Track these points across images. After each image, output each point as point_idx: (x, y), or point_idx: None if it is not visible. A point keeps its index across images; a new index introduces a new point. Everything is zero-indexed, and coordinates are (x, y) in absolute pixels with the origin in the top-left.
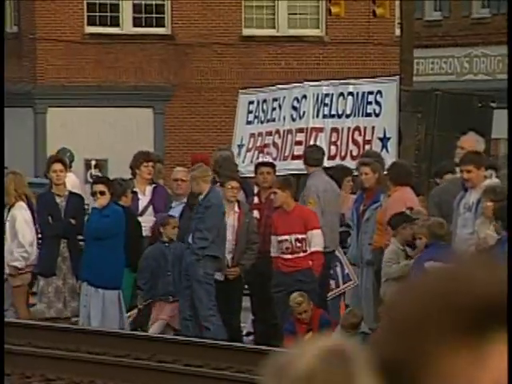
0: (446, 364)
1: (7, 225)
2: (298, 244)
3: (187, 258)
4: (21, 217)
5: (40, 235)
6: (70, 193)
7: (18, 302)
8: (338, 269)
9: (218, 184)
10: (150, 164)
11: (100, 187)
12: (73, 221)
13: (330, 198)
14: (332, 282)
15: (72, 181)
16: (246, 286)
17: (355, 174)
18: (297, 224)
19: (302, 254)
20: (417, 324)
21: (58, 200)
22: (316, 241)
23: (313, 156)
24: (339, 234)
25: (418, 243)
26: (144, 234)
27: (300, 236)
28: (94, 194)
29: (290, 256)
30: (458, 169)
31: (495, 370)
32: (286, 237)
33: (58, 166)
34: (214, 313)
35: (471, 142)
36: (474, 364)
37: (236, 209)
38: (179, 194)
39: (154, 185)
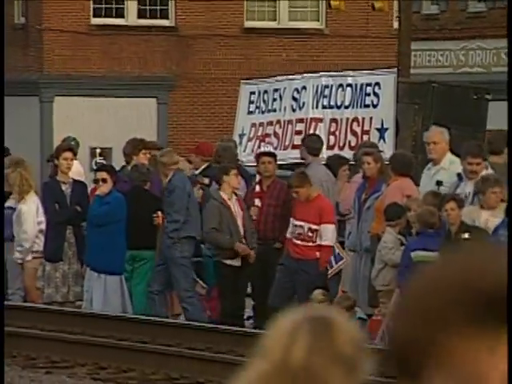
0: (458, 353)
1: (14, 215)
2: (310, 234)
3: (164, 240)
4: (26, 212)
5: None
6: (74, 180)
7: (30, 286)
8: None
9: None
10: (148, 152)
11: (103, 175)
12: (78, 208)
13: (329, 188)
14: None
15: (76, 168)
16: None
17: (351, 163)
18: (314, 214)
19: (310, 244)
20: (432, 312)
21: (63, 187)
22: (327, 235)
23: (312, 145)
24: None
25: (413, 232)
26: None
27: (313, 226)
28: (96, 181)
29: (299, 242)
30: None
31: (505, 360)
32: (302, 223)
33: (68, 155)
34: (192, 294)
35: (437, 134)
36: (485, 353)
37: (235, 196)
38: (201, 181)
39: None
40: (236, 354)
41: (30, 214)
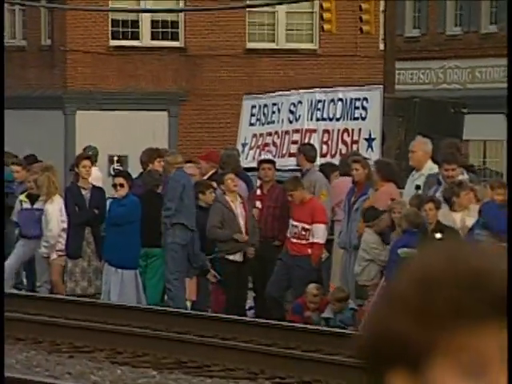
0: (454, 342)
1: (43, 215)
2: (303, 232)
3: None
4: (51, 212)
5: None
6: (94, 186)
7: (56, 280)
8: None
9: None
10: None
11: (120, 180)
12: (96, 211)
13: (323, 188)
14: None
15: (95, 174)
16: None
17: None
18: (306, 215)
19: (304, 242)
20: (428, 305)
21: (83, 192)
22: (318, 233)
23: (308, 153)
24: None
25: (392, 234)
26: None
27: (306, 226)
28: (114, 185)
29: (295, 240)
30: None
31: (499, 346)
32: (297, 223)
33: (87, 163)
34: (177, 277)
35: (417, 144)
36: (484, 342)
37: (239, 199)
38: (203, 181)
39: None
40: (239, 341)
41: (55, 213)
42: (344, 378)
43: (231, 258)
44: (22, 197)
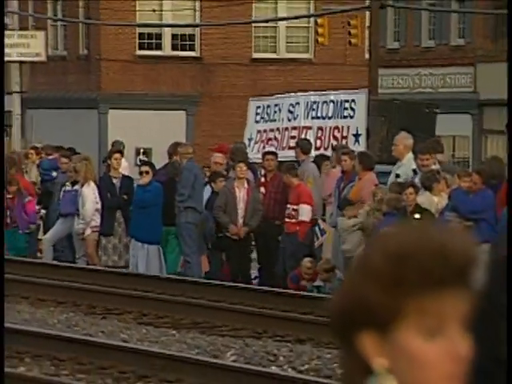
0: (419, 307)
1: (80, 198)
2: (293, 213)
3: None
4: (86, 194)
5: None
6: (123, 176)
7: (91, 253)
8: (317, 228)
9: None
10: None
11: (145, 168)
12: (125, 196)
13: (317, 180)
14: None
15: (124, 165)
16: (254, 243)
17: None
18: (295, 197)
19: (293, 221)
20: (395, 273)
21: (114, 181)
22: (304, 213)
23: (304, 146)
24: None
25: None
26: None
27: (295, 207)
28: (140, 173)
29: (288, 220)
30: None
31: (457, 310)
32: (290, 206)
33: (118, 156)
34: (193, 252)
35: (402, 139)
36: (444, 306)
37: (245, 185)
38: (217, 171)
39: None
40: (245, 305)
41: (90, 195)
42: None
43: (233, 237)
44: (68, 183)
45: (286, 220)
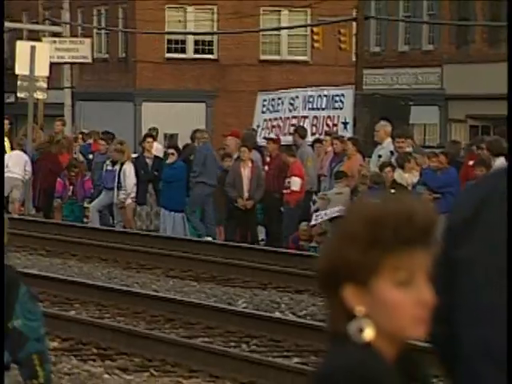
0: (392, 263)
1: (122, 173)
2: (288, 185)
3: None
4: (128, 171)
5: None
6: (155, 156)
7: (129, 219)
8: (314, 197)
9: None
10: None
11: (171, 150)
12: (156, 172)
13: (313, 159)
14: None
15: (156, 147)
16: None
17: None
18: (289, 171)
19: (288, 191)
20: (370, 235)
21: (147, 160)
22: (294, 184)
23: (302, 133)
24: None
25: (360, 189)
26: None
27: (288, 179)
28: (167, 154)
29: (285, 191)
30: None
31: (423, 265)
32: (287, 179)
33: (150, 139)
34: (210, 216)
35: (382, 126)
36: (411, 261)
37: (249, 165)
38: (227, 152)
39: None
40: (253, 262)
41: (130, 172)
42: None
43: (241, 207)
44: (108, 162)
45: (284, 191)
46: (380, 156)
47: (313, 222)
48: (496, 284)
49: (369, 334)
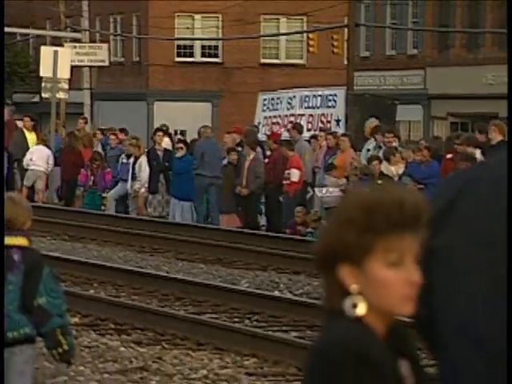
0: (384, 245)
1: (137, 166)
2: (287, 176)
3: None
4: (143, 164)
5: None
6: (165, 149)
7: (140, 206)
8: (309, 187)
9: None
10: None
11: (180, 145)
12: (166, 164)
13: (307, 151)
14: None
15: (166, 141)
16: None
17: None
18: (289, 164)
19: (288, 182)
20: (363, 220)
21: (158, 152)
22: (294, 175)
23: (298, 129)
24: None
25: (350, 179)
26: None
27: (288, 171)
28: (177, 148)
29: (284, 182)
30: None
31: (412, 248)
32: (286, 171)
33: (160, 134)
34: (201, 203)
35: (371, 123)
36: (401, 245)
37: (251, 157)
38: (231, 146)
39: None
40: (254, 245)
41: (144, 165)
42: None
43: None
44: (123, 155)
45: (283, 182)
46: (369, 150)
47: (318, 194)
48: (476, 272)
49: (361, 309)
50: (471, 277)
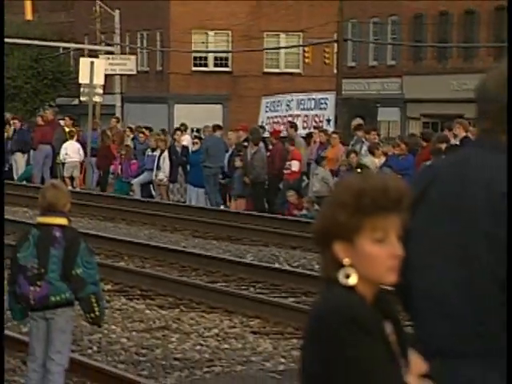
0: (371, 225)
1: (162, 158)
2: (288, 166)
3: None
4: (167, 157)
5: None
6: (183, 145)
7: (163, 193)
8: (304, 176)
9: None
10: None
11: (196, 140)
12: (184, 158)
13: (305, 148)
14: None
15: (185, 138)
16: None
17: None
18: (290, 157)
19: (288, 171)
20: (354, 202)
21: (177, 148)
22: (294, 165)
23: (294, 126)
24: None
25: (340, 170)
26: None
27: (289, 163)
28: (193, 143)
29: (285, 171)
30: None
31: (395, 226)
32: (287, 163)
33: (179, 132)
34: (215, 191)
35: (357, 122)
36: (386, 224)
37: (254, 151)
38: (238, 142)
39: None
40: (258, 226)
41: (167, 157)
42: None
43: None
44: (149, 149)
45: (284, 171)
46: (353, 145)
47: (313, 188)
48: (439, 251)
49: (354, 279)
50: (433, 254)
